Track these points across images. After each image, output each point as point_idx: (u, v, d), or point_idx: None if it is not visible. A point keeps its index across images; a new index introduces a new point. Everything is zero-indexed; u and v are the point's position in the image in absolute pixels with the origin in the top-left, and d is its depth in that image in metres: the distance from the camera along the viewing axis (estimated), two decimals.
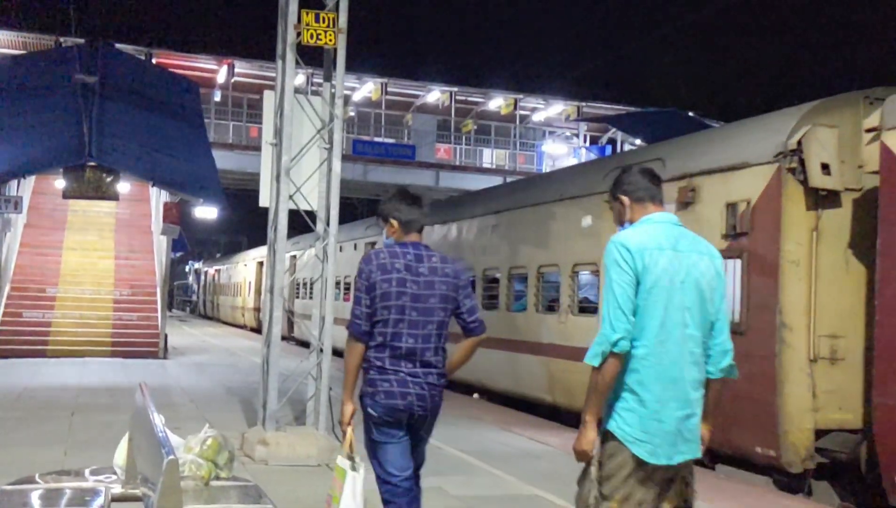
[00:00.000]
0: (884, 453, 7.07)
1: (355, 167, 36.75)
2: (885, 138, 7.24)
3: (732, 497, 7.56)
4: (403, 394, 4.29)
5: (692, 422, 3.49)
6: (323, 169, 8.84)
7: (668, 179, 9.45)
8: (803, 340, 8.04)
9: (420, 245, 4.46)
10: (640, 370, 3.41)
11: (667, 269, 3.44)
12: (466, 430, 10.69)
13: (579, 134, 45.12)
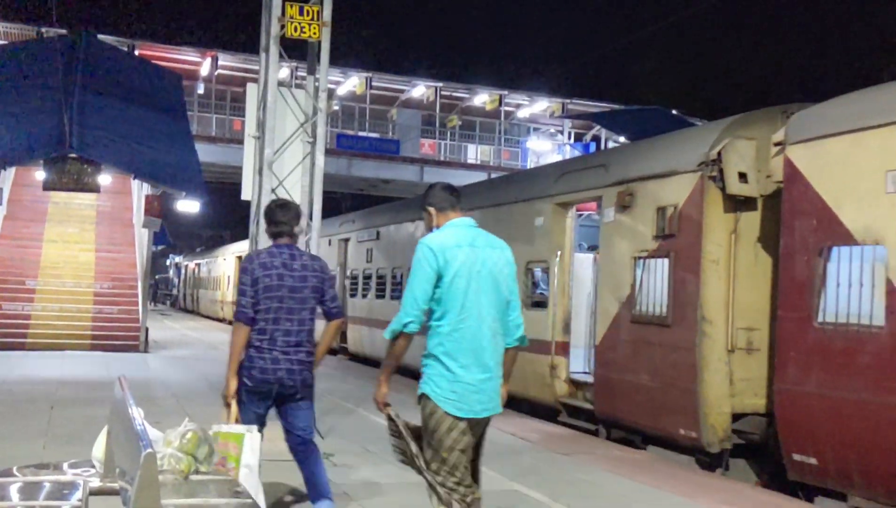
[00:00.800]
0: (783, 433, 7.84)
1: (339, 161, 36.68)
2: (788, 152, 7.99)
3: (709, 493, 7.62)
4: (275, 370, 5.25)
5: (492, 384, 4.36)
6: (306, 163, 8.82)
7: (610, 184, 10.64)
8: (722, 332, 8.85)
9: (293, 247, 5.43)
10: (447, 344, 4.25)
11: (465, 262, 4.29)
12: None
13: (564, 131, 45.24)
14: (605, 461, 8.89)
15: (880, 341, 6.91)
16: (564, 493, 7.26)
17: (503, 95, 41.46)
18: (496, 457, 8.76)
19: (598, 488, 7.60)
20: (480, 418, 4.35)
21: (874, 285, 7.05)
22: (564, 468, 8.43)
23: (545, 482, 7.69)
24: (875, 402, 6.93)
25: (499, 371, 4.39)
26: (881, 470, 6.93)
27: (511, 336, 4.46)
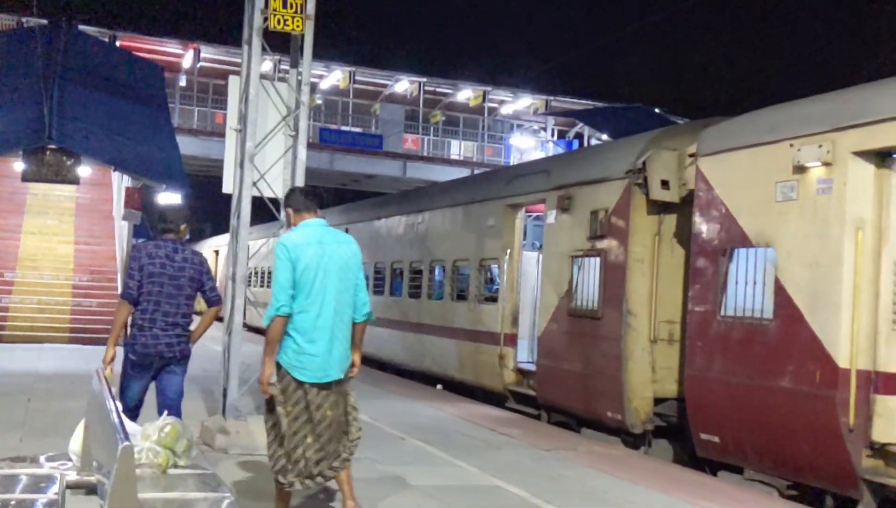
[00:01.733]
0: (692, 415, 8.81)
1: (322, 156, 36.52)
2: (699, 163, 9.02)
3: (688, 488, 7.66)
4: (155, 345, 6.15)
5: (335, 354, 5.27)
6: (288, 156, 8.77)
7: (552, 188, 11.60)
8: (645, 324, 9.88)
9: (177, 243, 6.34)
10: (297, 322, 5.21)
11: (312, 257, 5.24)
12: (429, 421, 10.71)
13: (547, 128, 45.27)
14: (586, 457, 8.92)
15: (769, 332, 7.88)
16: (545, 489, 7.28)
17: (487, 91, 41.42)
18: (476, 452, 8.77)
19: (578, 484, 7.63)
20: (324, 382, 5.28)
21: (765, 283, 8.01)
22: (545, 463, 8.45)
23: (526, 477, 7.70)
24: (764, 386, 7.92)
25: (344, 344, 5.36)
26: (770, 446, 7.90)
27: (359, 313, 5.47)
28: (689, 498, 7.21)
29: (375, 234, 17.97)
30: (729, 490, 7.87)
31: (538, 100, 42.19)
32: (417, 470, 7.79)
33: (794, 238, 7.74)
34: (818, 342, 7.39)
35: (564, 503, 6.83)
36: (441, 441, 9.23)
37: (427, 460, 8.34)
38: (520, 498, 6.97)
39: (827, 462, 7.35)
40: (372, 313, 5.64)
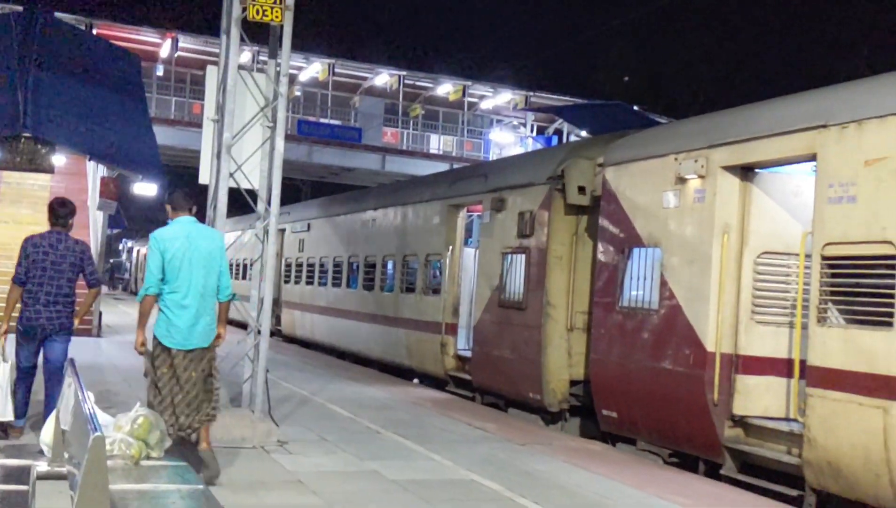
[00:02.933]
0: (595, 394, 9.99)
1: (300, 148, 36.36)
2: (605, 172, 10.14)
3: (661, 484, 7.71)
4: (37, 318, 7.31)
5: (199, 327, 6.45)
6: (265, 148, 8.72)
7: (488, 191, 12.73)
8: (563, 314, 10.96)
9: (62, 233, 7.49)
10: (167, 301, 6.42)
11: (180, 248, 6.42)
12: (406, 415, 10.71)
13: (526, 123, 45.33)
14: (561, 451, 8.96)
15: (655, 321, 9.04)
16: (520, 483, 7.30)
17: (467, 85, 41.40)
18: (451, 446, 8.78)
19: (552, 478, 7.65)
20: (189, 349, 6.42)
21: (653, 279, 9.13)
22: (520, 458, 8.48)
23: (500, 472, 7.72)
24: (650, 367, 9.04)
25: (208, 319, 6.52)
26: (655, 420, 9.05)
27: (222, 294, 6.67)
28: (663, 494, 7.26)
29: (334, 230, 19.13)
30: (700, 485, 7.93)
31: (518, 95, 42.22)
32: (392, 464, 7.79)
33: (676, 240, 8.86)
34: (692, 329, 8.49)
35: (539, 497, 6.86)
36: (417, 435, 9.24)
37: (403, 454, 8.34)
38: (494, 492, 6.99)
39: (698, 433, 8.44)
40: (235, 295, 6.83)
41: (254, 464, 7.43)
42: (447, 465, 7.94)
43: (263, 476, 7.01)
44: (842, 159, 7.20)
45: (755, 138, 8.10)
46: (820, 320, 7.20)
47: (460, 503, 6.62)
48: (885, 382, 6.56)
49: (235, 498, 6.11)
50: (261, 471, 7.20)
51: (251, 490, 6.51)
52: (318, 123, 39.45)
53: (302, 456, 7.88)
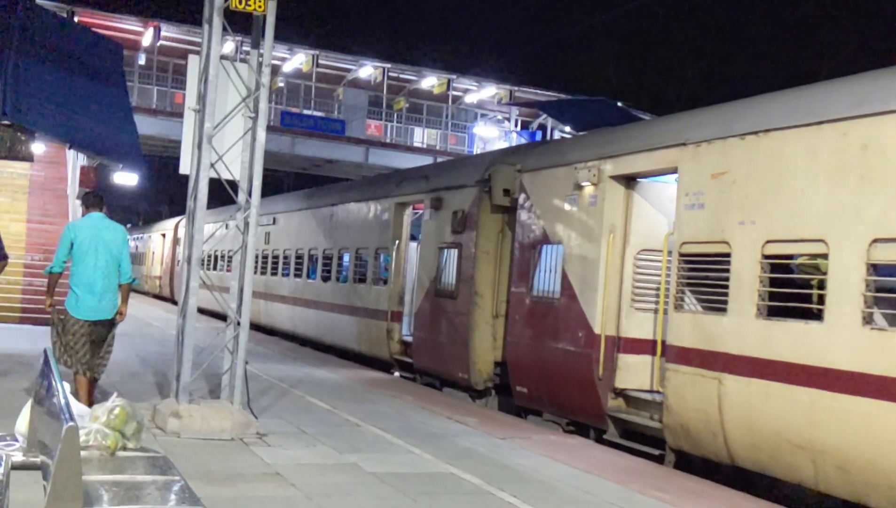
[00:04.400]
0: (511, 373, 11.29)
1: (283, 139, 36.19)
2: (522, 177, 11.46)
3: (641, 479, 7.75)
4: None
5: (103, 303, 8.05)
6: (247, 138, 8.67)
7: (428, 191, 14.11)
8: (489, 303, 12.25)
9: None
10: (74, 279, 8.01)
11: (87, 236, 8.03)
12: (386, 408, 10.70)
13: (511, 118, 45.34)
14: (541, 446, 8.98)
15: (557, 307, 10.40)
16: (499, 477, 7.31)
17: (451, 79, 41.33)
18: (431, 440, 8.78)
19: (532, 472, 7.67)
20: (92, 320, 8.02)
21: (557, 271, 10.48)
22: (500, 452, 8.49)
23: (480, 465, 7.73)
24: (552, 347, 10.37)
25: (110, 297, 8.10)
26: (556, 394, 10.43)
27: (123, 278, 8.18)
28: (642, 489, 7.29)
29: (297, 224, 20.41)
30: (680, 480, 7.97)
31: (502, 90, 42.20)
32: (371, 457, 7.78)
33: (574, 238, 10.26)
34: (584, 315, 9.89)
35: (518, 491, 6.87)
36: (397, 429, 9.23)
37: (382, 447, 8.33)
38: (473, 486, 6.99)
39: (587, 404, 9.85)
40: (135, 279, 8.53)
41: (232, 456, 7.40)
42: (427, 458, 7.93)
43: (242, 468, 6.98)
44: (695, 173, 8.57)
45: (635, 153, 9.51)
46: (676, 306, 8.57)
47: (439, 496, 6.62)
48: (719, 357, 7.93)
49: (213, 490, 6.08)
50: (239, 463, 7.17)
51: (229, 482, 6.48)
52: (302, 114, 39.26)
53: (281, 449, 7.85)
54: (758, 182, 7.83)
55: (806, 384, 7.07)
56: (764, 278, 7.64)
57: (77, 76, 19.13)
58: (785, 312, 7.49)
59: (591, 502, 6.80)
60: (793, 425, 7.18)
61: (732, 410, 7.77)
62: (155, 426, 8.12)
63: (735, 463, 7.93)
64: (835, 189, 7.09)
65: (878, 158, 6.78)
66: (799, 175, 7.44)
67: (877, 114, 6.84)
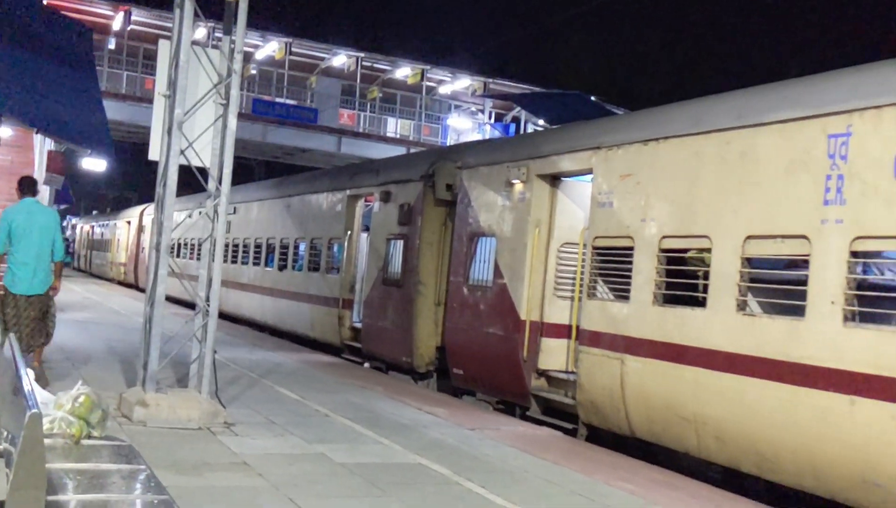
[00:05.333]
0: (449, 356, 12.13)
1: (254, 127, 35.94)
2: (461, 173, 12.21)
3: (608, 470, 7.81)
4: None
5: (37, 279, 8.83)
6: (218, 125, 8.58)
7: (378, 185, 14.85)
8: (432, 291, 12.93)
9: None
10: (12, 259, 8.81)
11: (22, 221, 8.78)
12: (356, 399, 10.68)
13: (485, 110, 45.35)
14: (510, 437, 9.01)
15: (489, 295, 11.20)
16: (468, 467, 7.33)
17: (425, 69, 41.26)
18: (400, 430, 8.78)
19: (501, 463, 7.70)
20: (28, 295, 8.81)
21: (490, 261, 11.26)
22: (469, 442, 8.51)
23: (449, 456, 7.74)
24: (484, 332, 11.18)
25: (44, 274, 8.88)
26: (487, 375, 11.26)
27: (56, 256, 8.98)
28: (608, 480, 7.35)
29: (257, 214, 21.07)
30: (645, 471, 8.05)
31: (477, 81, 42.21)
32: (340, 447, 7.76)
33: (505, 232, 11.02)
34: (512, 302, 10.67)
35: (486, 481, 6.89)
36: (366, 419, 9.22)
37: (351, 437, 8.32)
38: (442, 476, 7.00)
39: (514, 384, 10.66)
40: (68, 257, 9.24)
41: (199, 445, 7.34)
42: (396, 449, 7.93)
43: (209, 458, 6.93)
44: (606, 174, 9.47)
45: (559, 154, 10.34)
46: (589, 295, 9.51)
47: (408, 486, 6.62)
48: (622, 340, 8.84)
49: (179, 480, 6.04)
50: (206, 453, 7.12)
51: (196, 472, 6.44)
52: (274, 102, 39.01)
53: (248, 438, 7.81)
54: (657, 184, 8.74)
55: (691, 364, 7.96)
56: (660, 270, 8.55)
57: (45, 60, 18.82)
58: (676, 299, 8.39)
59: (557, 492, 6.84)
60: (680, 400, 8.05)
61: (632, 387, 8.67)
62: (121, 415, 8.04)
63: (635, 435, 8.78)
64: (718, 192, 7.98)
65: (753, 165, 7.64)
66: (689, 178, 8.33)
67: (753, 126, 7.68)
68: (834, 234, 6.80)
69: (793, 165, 7.26)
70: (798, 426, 6.90)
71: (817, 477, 6.82)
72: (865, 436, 6.37)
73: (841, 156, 6.88)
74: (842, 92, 7.07)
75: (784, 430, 7.01)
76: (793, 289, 7.18)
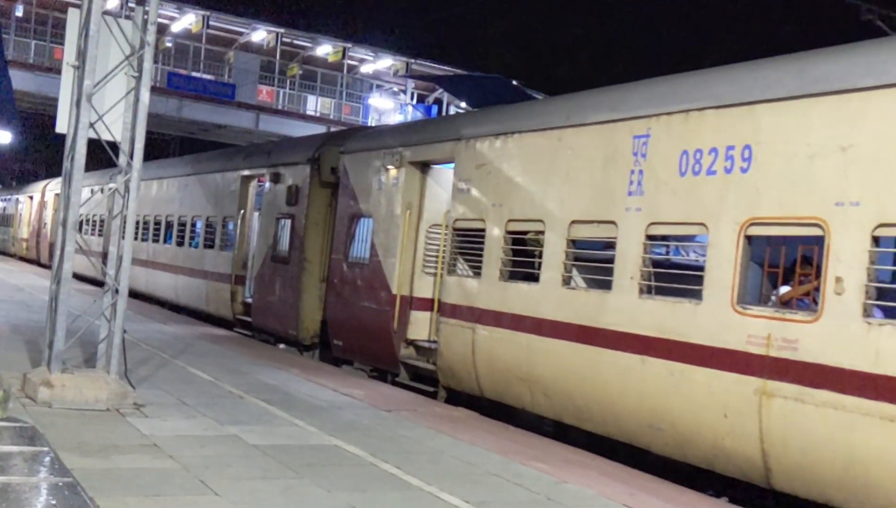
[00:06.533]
0: (329, 328, 13.19)
1: (169, 102, 35.00)
2: (343, 158, 13.21)
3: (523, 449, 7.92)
4: None
5: None
6: (130, 99, 8.32)
7: (269, 166, 15.77)
8: (317, 269, 13.81)
9: None
10: None
11: None
12: (272, 381, 10.56)
13: (407, 91, 45.15)
14: (427, 418, 9.05)
15: (366, 272, 12.20)
16: (383, 449, 7.33)
17: (347, 48, 40.81)
18: (316, 412, 8.73)
19: (417, 444, 7.73)
20: None
21: (367, 240, 12.24)
22: (385, 424, 8.51)
23: (365, 437, 7.73)
24: (360, 305, 12.20)
25: None
26: (363, 345, 12.31)
27: None
28: (524, 460, 7.45)
29: (158, 191, 21.66)
30: (559, 450, 8.19)
31: (399, 61, 41.98)
32: (254, 429, 7.66)
33: (381, 213, 11.98)
34: (385, 278, 11.66)
35: (402, 462, 6.91)
36: (281, 401, 9.13)
37: (266, 419, 8.22)
38: (357, 458, 6.99)
39: (386, 353, 11.67)
40: None
41: (107, 427, 7.15)
42: (311, 431, 7.88)
43: (117, 440, 6.75)
44: (465, 163, 10.54)
45: (428, 143, 11.42)
46: (449, 271, 10.63)
47: (322, 468, 6.59)
48: (474, 312, 9.98)
49: (85, 462, 5.86)
50: (114, 434, 6.93)
51: (103, 454, 6.26)
52: (190, 76, 38.04)
53: (159, 420, 7.64)
54: (505, 173, 9.91)
55: (526, 331, 9.17)
56: (507, 249, 9.73)
57: None
58: (517, 276, 9.63)
59: (473, 472, 6.90)
60: (517, 363, 9.28)
61: (481, 353, 9.85)
62: (25, 396, 7.74)
63: (484, 395, 9.96)
64: (550, 182, 9.20)
65: (578, 160, 8.84)
66: (529, 169, 9.55)
67: (578, 126, 8.92)
68: (634, 220, 8.00)
69: (607, 160, 8.45)
70: (604, 382, 8.13)
71: (618, 425, 8.06)
72: (652, 389, 7.58)
73: (642, 154, 8.07)
74: (643, 99, 8.31)
75: (594, 386, 8.27)
76: (604, 267, 8.39)
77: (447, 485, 6.37)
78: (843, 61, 6.69)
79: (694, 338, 7.20)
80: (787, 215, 6.71)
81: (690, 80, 8.17)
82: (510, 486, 6.59)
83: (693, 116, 7.60)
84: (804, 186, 6.58)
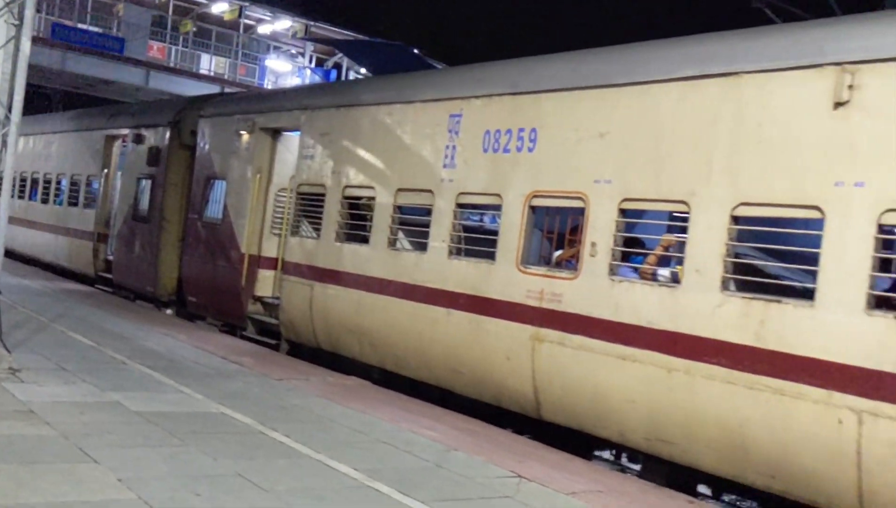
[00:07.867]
0: (185, 285, 13.97)
1: (52, 54, 33.38)
2: (200, 122, 13.94)
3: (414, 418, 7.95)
4: None
5: None
6: (9, 48, 7.90)
7: (132, 127, 16.24)
8: (175, 228, 14.49)
9: None
10: None
11: None
12: (156, 346, 10.29)
13: (305, 54, 44.28)
14: (318, 387, 9.02)
15: (219, 230, 12.91)
16: (273, 417, 7.27)
17: (244, 6, 39.68)
18: (203, 379, 8.56)
19: (307, 413, 7.69)
20: None
21: (220, 201, 13.01)
22: (275, 392, 8.44)
23: (254, 405, 7.66)
24: (213, 263, 12.95)
25: None
26: (214, 301, 13.10)
27: None
28: (414, 428, 7.51)
29: (27, 148, 21.57)
30: (450, 419, 8.29)
31: (298, 23, 41.07)
32: (137, 395, 7.45)
33: (233, 176, 12.76)
34: (235, 238, 12.45)
35: (291, 431, 6.85)
36: (166, 367, 8.91)
37: (149, 385, 8.00)
38: (245, 426, 6.91)
39: (235, 309, 12.56)
40: None
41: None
42: (197, 398, 7.73)
43: None
44: (310, 131, 11.36)
45: (278, 111, 12.22)
46: (293, 232, 11.51)
47: (208, 436, 6.47)
48: (313, 270, 10.90)
49: None
50: None
51: None
52: (75, 28, 36.32)
53: (36, 385, 7.36)
54: (343, 143, 10.79)
55: (357, 288, 10.17)
56: (343, 213, 10.63)
57: None
58: (351, 237, 10.55)
59: (363, 440, 6.92)
60: (348, 316, 10.31)
61: (318, 308, 10.76)
62: None
63: (321, 347, 10.86)
64: (380, 152, 10.20)
65: (408, 133, 9.80)
66: (364, 140, 10.51)
67: (408, 102, 9.87)
68: (447, 190, 9.09)
69: (429, 135, 9.48)
70: (419, 332, 9.22)
71: (429, 370, 9.13)
72: (455, 338, 8.75)
73: (455, 132, 9.15)
74: (459, 82, 9.46)
75: (411, 336, 9.32)
76: (423, 231, 9.42)
77: (337, 453, 6.36)
78: (606, 61, 7.96)
79: (488, 293, 8.40)
80: (560, 190, 7.96)
81: (495, 68, 9.34)
82: (400, 454, 6.63)
83: (495, 100, 8.76)
84: (573, 164, 7.83)
